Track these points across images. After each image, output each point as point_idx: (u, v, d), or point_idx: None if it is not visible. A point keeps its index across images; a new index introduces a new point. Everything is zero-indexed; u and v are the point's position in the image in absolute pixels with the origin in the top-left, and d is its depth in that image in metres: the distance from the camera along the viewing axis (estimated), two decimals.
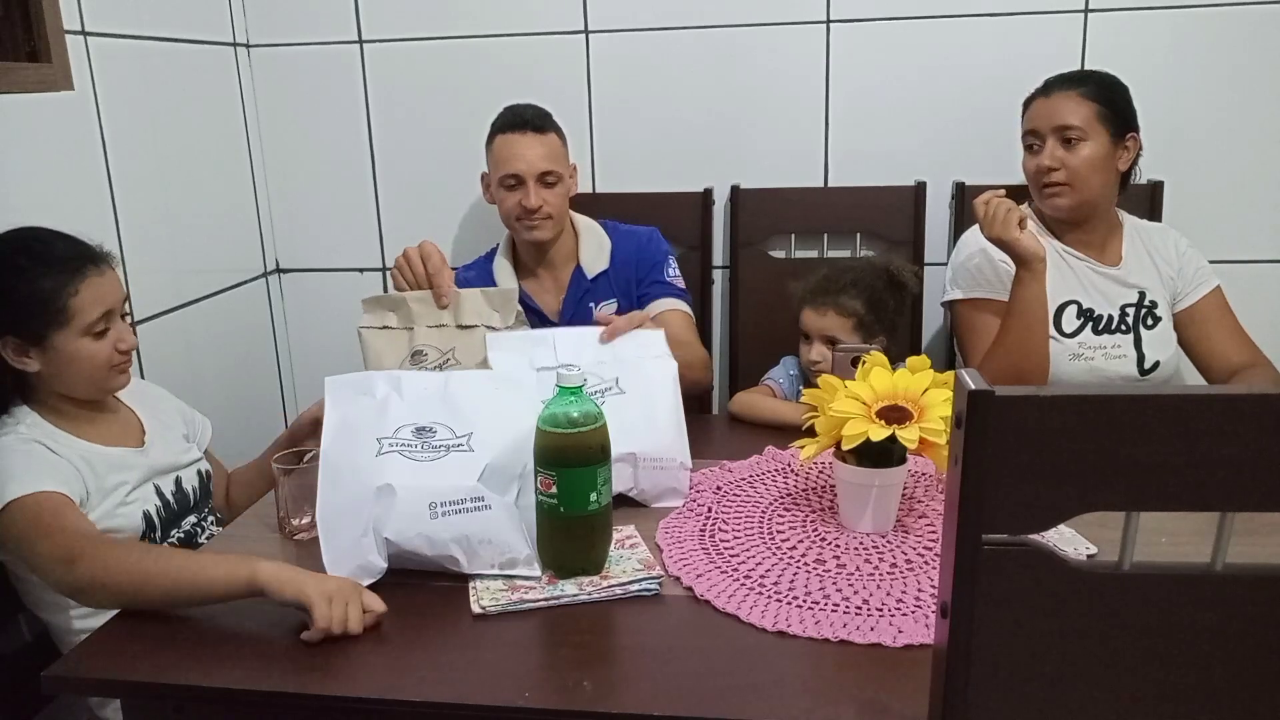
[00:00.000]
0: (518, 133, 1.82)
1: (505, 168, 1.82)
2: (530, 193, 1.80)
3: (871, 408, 1.19)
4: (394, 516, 1.13)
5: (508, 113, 1.87)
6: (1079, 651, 0.65)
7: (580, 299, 1.90)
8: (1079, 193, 1.70)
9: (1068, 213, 1.74)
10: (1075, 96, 1.69)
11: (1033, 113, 1.75)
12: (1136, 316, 1.76)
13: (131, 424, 1.44)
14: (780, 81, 2.13)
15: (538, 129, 1.83)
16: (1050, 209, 1.75)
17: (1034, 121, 1.73)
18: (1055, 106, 1.70)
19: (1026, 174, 1.77)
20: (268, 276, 2.37)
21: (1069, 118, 1.68)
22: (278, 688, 0.99)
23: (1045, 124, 1.70)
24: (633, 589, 1.12)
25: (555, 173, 1.82)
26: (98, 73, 1.75)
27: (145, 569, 1.10)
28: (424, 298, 1.55)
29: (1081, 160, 1.68)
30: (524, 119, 1.83)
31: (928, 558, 1.18)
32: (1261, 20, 1.97)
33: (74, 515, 1.20)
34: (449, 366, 1.52)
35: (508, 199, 1.83)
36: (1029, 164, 1.75)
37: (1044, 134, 1.70)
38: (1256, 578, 0.63)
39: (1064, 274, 1.76)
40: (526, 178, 1.80)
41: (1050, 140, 1.70)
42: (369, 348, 1.55)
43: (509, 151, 1.82)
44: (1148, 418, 0.60)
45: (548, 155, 1.82)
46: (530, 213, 1.81)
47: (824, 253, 2.18)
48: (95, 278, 1.31)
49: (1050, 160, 1.69)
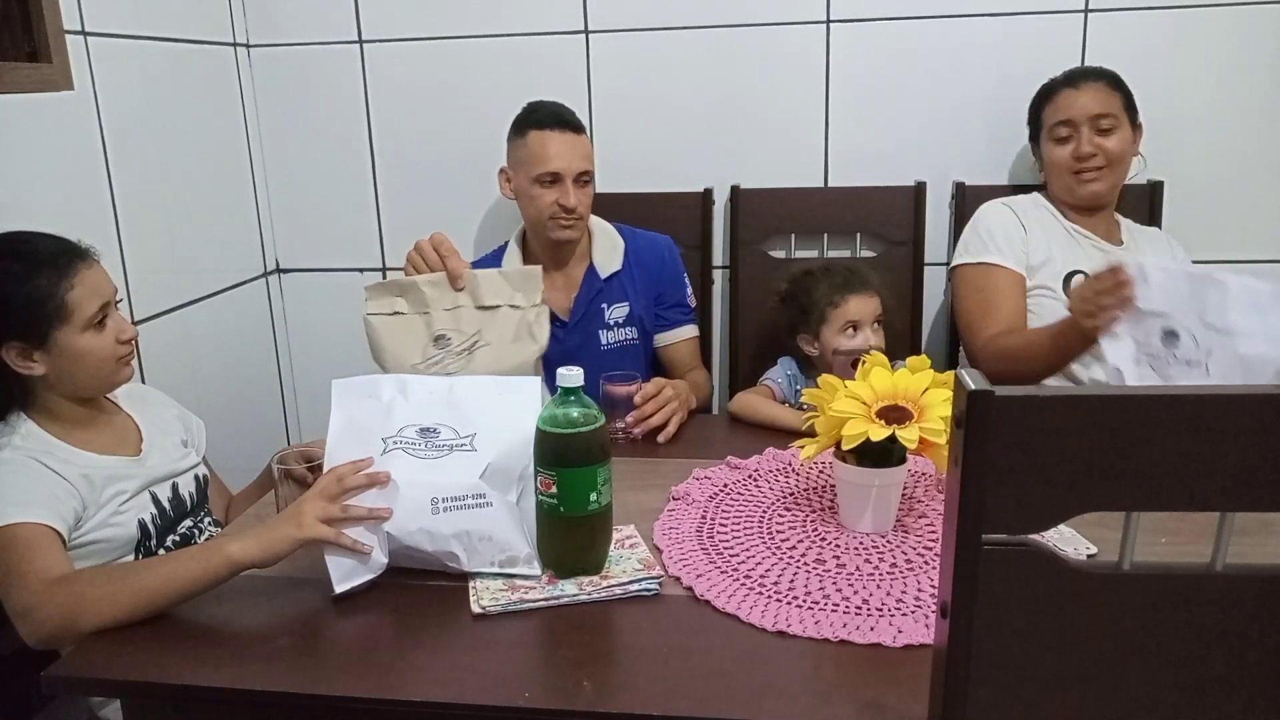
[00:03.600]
0: (558, 131, 1.82)
1: (544, 165, 1.80)
2: (570, 192, 1.80)
3: (871, 408, 1.19)
4: (396, 511, 1.13)
5: (543, 109, 1.85)
6: (1079, 651, 0.65)
7: (592, 299, 1.90)
8: (1114, 175, 1.84)
9: (1102, 196, 1.85)
10: (1104, 87, 1.83)
11: (1062, 104, 1.85)
12: None
13: (129, 431, 1.43)
14: (780, 81, 2.13)
15: (576, 129, 1.84)
16: (1086, 195, 1.85)
17: (1067, 112, 1.84)
18: (1089, 97, 1.83)
19: (1056, 164, 1.86)
20: (268, 276, 2.37)
21: (1104, 106, 1.82)
22: (278, 688, 0.99)
23: (1081, 113, 1.82)
24: (633, 589, 1.12)
25: (590, 174, 1.84)
26: (98, 73, 1.75)
27: (114, 594, 1.09)
28: (437, 280, 1.52)
29: (1116, 145, 1.82)
30: (564, 118, 1.83)
31: (928, 558, 1.18)
32: (1261, 20, 1.97)
33: (41, 559, 1.15)
34: (479, 348, 1.49)
35: (543, 195, 1.81)
36: (1060, 153, 1.85)
37: (1079, 123, 1.82)
38: (1256, 578, 0.63)
39: (1071, 248, 1.86)
40: (566, 176, 1.80)
41: (1085, 128, 1.81)
42: (381, 335, 1.52)
43: (550, 149, 1.81)
44: (1148, 418, 0.60)
45: (587, 155, 1.84)
46: (568, 212, 1.81)
47: (824, 252, 2.18)
48: (86, 271, 1.31)
49: (1090, 146, 1.81)
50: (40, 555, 1.16)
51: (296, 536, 1.10)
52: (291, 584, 1.17)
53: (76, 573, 1.16)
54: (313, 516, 1.11)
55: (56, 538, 1.20)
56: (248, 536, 1.12)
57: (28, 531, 1.17)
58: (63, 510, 1.23)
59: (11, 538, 1.16)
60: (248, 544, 1.10)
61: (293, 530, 1.11)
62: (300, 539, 1.10)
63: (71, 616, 1.09)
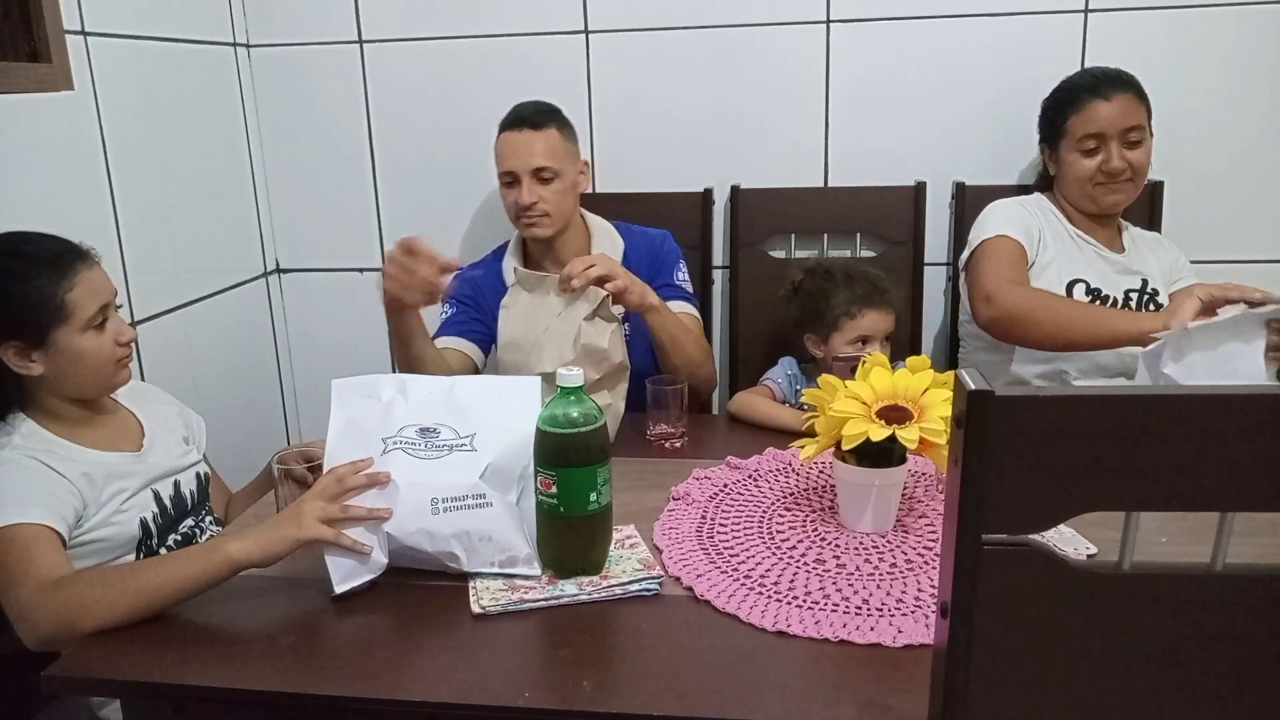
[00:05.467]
0: (514, 130, 1.83)
1: (501, 165, 1.84)
2: (524, 189, 1.80)
3: (871, 408, 1.19)
4: (396, 511, 1.13)
5: (511, 110, 1.87)
6: (1079, 651, 0.65)
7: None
8: (1138, 188, 1.83)
9: (1122, 206, 1.85)
10: (1132, 98, 1.80)
11: (1092, 115, 1.80)
12: (1140, 302, 1.83)
13: (130, 426, 1.43)
14: (780, 81, 2.13)
15: (534, 125, 1.82)
16: (1109, 205, 1.84)
17: (1097, 124, 1.80)
18: (1120, 109, 1.79)
19: (1079, 174, 1.83)
20: (268, 276, 2.37)
21: (1134, 119, 1.79)
22: (278, 688, 0.99)
23: (1113, 127, 1.79)
24: (633, 589, 1.12)
25: (551, 169, 1.81)
26: (98, 73, 1.75)
27: (114, 595, 1.09)
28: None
29: (1142, 158, 1.80)
30: (521, 116, 1.83)
31: (928, 558, 1.18)
32: (1261, 20, 1.97)
33: (41, 559, 1.15)
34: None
35: (507, 195, 1.84)
36: (1086, 165, 1.82)
37: (1110, 137, 1.79)
38: (1256, 578, 0.63)
39: (1074, 255, 1.85)
40: (520, 174, 1.80)
41: (1115, 143, 1.79)
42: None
43: (505, 149, 1.83)
44: (1148, 418, 0.60)
45: (544, 151, 1.81)
46: (525, 209, 1.81)
47: (824, 252, 2.18)
48: (86, 272, 1.31)
49: (1119, 162, 1.79)
50: (39, 556, 1.16)
51: (296, 536, 1.10)
52: (291, 584, 1.17)
53: (75, 574, 1.16)
54: (312, 517, 1.11)
55: (56, 538, 1.20)
56: (247, 536, 1.12)
57: (27, 532, 1.17)
58: (62, 510, 1.23)
59: (11, 538, 1.16)
60: (247, 544, 1.11)
61: (292, 530, 1.11)
62: (300, 539, 1.10)
63: (71, 618, 1.09)
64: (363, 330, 2.39)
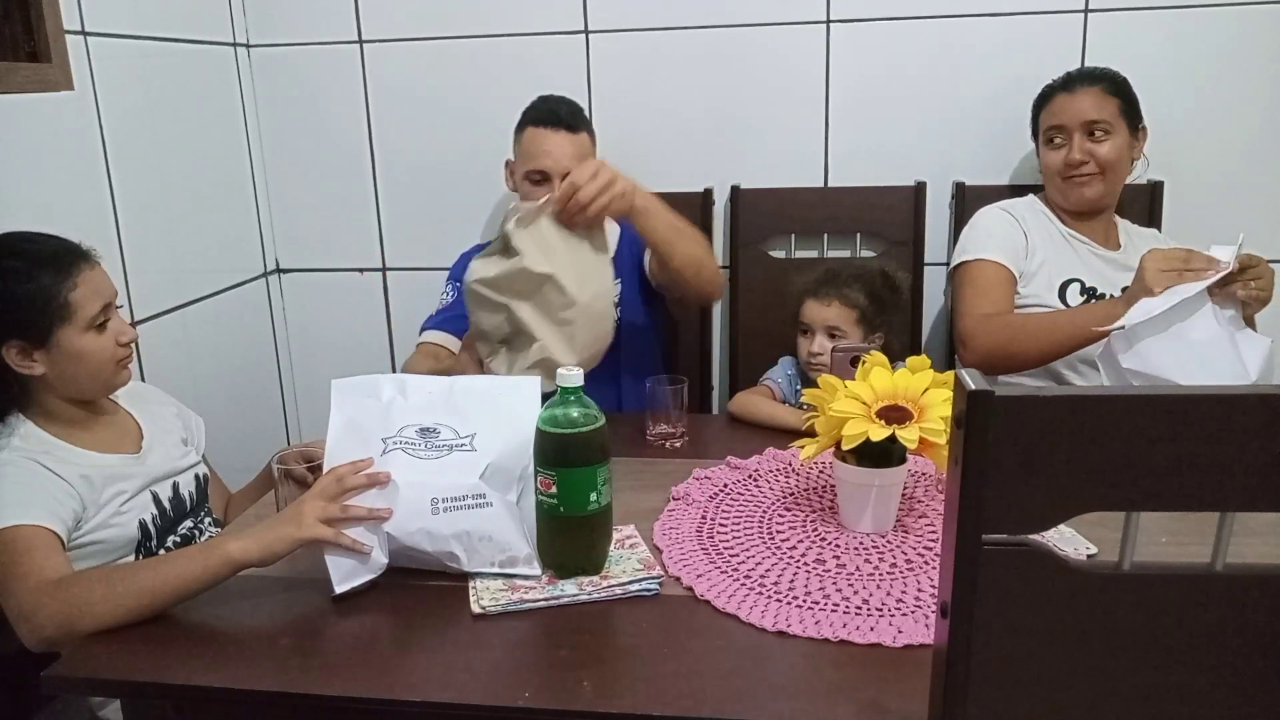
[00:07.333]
0: (550, 128, 1.80)
1: (532, 162, 1.80)
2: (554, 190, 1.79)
3: (871, 408, 1.19)
4: (396, 511, 1.13)
5: (542, 105, 1.85)
6: (1079, 651, 0.65)
7: None
8: (1106, 183, 1.81)
9: (1093, 203, 1.83)
10: (1099, 93, 1.80)
11: (1056, 108, 1.82)
12: None
13: (129, 428, 1.44)
14: (780, 81, 2.13)
15: (570, 127, 1.81)
16: (1077, 200, 1.83)
17: (1060, 117, 1.81)
18: (1081, 102, 1.79)
19: (1049, 168, 1.85)
20: (268, 276, 2.37)
21: (1097, 113, 1.78)
22: (278, 688, 0.99)
23: (1073, 119, 1.79)
24: (632, 589, 1.12)
25: None
26: (98, 73, 1.75)
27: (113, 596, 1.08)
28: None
29: (1108, 152, 1.79)
30: (558, 115, 1.81)
31: (928, 558, 1.18)
32: (1261, 20, 1.97)
33: (40, 561, 1.15)
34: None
35: (532, 193, 1.81)
36: (1053, 158, 1.83)
37: (1071, 129, 1.80)
38: (1256, 578, 0.63)
39: (1066, 255, 1.84)
40: (553, 175, 1.78)
41: (1077, 135, 1.79)
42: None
43: (538, 146, 1.80)
44: (1147, 418, 0.60)
45: (575, 155, 1.80)
46: None
47: (824, 252, 2.18)
48: (88, 272, 1.31)
49: (1080, 153, 1.79)
50: (39, 557, 1.16)
51: (296, 536, 1.10)
52: (291, 584, 1.17)
53: (75, 575, 1.16)
54: (312, 516, 1.11)
55: (55, 539, 1.20)
56: (247, 536, 1.12)
57: (26, 533, 1.17)
58: (62, 512, 1.23)
59: (10, 540, 1.16)
60: (247, 543, 1.11)
61: (292, 530, 1.11)
62: (300, 539, 1.10)
63: (71, 619, 1.09)
64: (363, 330, 2.40)
